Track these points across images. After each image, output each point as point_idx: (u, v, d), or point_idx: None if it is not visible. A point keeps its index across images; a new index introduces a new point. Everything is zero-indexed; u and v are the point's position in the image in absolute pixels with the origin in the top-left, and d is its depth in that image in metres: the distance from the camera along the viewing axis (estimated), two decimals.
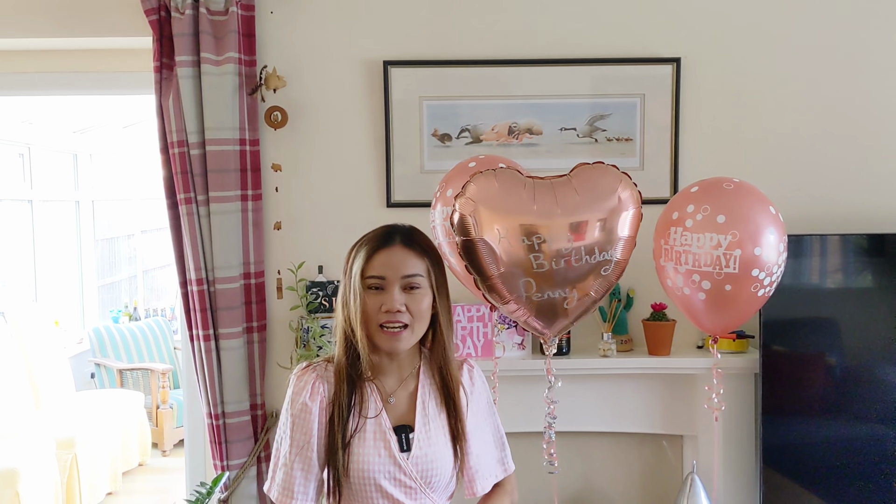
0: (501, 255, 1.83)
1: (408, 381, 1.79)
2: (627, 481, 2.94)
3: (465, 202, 1.85)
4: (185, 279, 2.74)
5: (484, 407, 1.86)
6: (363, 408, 1.73)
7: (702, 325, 2.08)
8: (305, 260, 2.80)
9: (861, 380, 2.67)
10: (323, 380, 1.76)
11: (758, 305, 2.00)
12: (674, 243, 1.89)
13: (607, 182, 1.89)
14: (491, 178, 1.86)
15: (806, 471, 2.69)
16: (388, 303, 1.68)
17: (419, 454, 1.73)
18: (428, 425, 1.76)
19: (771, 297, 2.55)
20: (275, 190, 2.83)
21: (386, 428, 1.73)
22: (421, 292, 1.71)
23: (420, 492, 1.73)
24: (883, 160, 2.87)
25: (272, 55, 2.79)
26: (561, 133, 2.83)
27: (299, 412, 1.74)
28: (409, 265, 1.70)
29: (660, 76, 2.82)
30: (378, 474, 1.70)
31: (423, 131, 2.82)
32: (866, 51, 2.84)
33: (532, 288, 1.84)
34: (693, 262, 1.88)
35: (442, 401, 1.78)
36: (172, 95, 2.66)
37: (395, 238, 1.73)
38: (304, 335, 2.74)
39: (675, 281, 1.97)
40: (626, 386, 2.78)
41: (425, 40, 2.81)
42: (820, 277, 2.71)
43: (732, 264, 1.85)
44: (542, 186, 1.86)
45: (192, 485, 2.81)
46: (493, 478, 1.85)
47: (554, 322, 1.98)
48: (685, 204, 1.91)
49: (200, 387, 2.74)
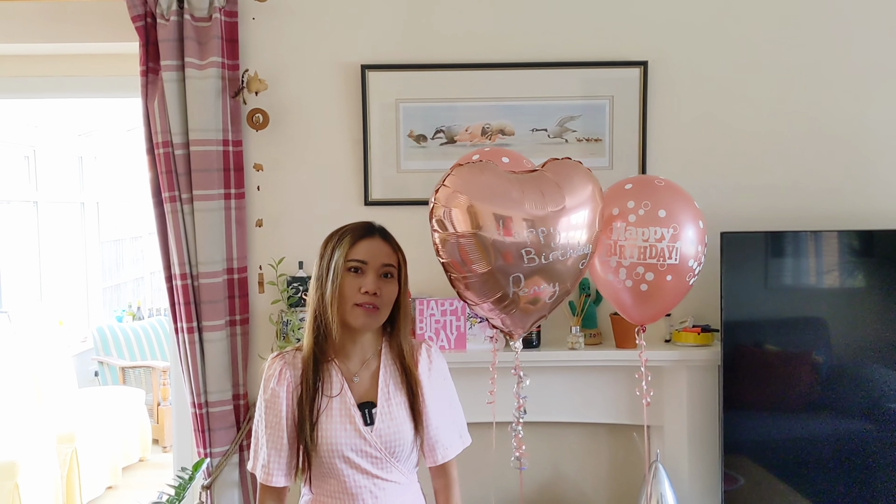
0: (490, 251, 1.79)
1: (370, 363, 1.97)
2: (596, 470, 3.04)
3: (451, 196, 1.79)
4: (170, 274, 2.86)
5: (442, 383, 2.03)
6: (329, 387, 1.91)
7: (633, 316, 2.13)
8: (286, 256, 2.91)
9: (827, 372, 2.76)
10: (290, 366, 1.95)
11: (685, 293, 2.08)
12: (618, 237, 1.96)
13: (580, 177, 1.93)
14: (476, 172, 1.82)
15: (770, 460, 2.77)
16: (366, 284, 1.87)
17: (382, 427, 1.90)
18: (390, 401, 1.93)
19: (732, 290, 2.67)
20: (257, 189, 2.95)
21: (350, 404, 1.91)
22: (393, 281, 1.92)
23: (386, 461, 1.91)
24: (846, 158, 2.95)
25: (254, 59, 2.91)
26: (532, 134, 2.93)
27: (270, 398, 1.93)
28: (386, 256, 1.91)
29: (628, 78, 2.92)
30: (344, 447, 1.88)
31: (399, 132, 2.93)
32: (832, 52, 2.93)
33: (520, 283, 1.85)
34: (639, 255, 1.96)
35: (402, 379, 1.96)
36: (158, 98, 2.77)
37: (374, 231, 1.95)
38: (284, 328, 2.85)
39: (616, 274, 2.02)
40: (594, 378, 2.87)
41: (401, 45, 2.92)
42: (777, 273, 2.80)
43: (675, 255, 1.94)
44: (529, 180, 1.86)
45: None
46: (452, 448, 2.03)
47: (531, 318, 2.00)
48: (624, 200, 1.98)
49: (185, 377, 2.85)
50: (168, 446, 5.89)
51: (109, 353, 6.24)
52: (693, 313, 2.89)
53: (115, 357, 6.23)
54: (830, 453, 2.74)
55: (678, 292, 2.02)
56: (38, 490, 4.30)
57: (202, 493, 2.87)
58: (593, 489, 3.04)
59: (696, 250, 2.00)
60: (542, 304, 1.95)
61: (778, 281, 2.77)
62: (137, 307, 7.11)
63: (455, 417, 2.06)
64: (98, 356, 6.23)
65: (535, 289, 1.88)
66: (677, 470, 2.83)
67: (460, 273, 1.88)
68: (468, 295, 1.94)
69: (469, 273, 1.86)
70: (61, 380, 5.32)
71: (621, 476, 3.03)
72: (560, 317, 2.91)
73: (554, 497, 3.04)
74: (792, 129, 2.94)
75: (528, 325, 2.00)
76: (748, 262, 2.72)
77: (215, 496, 2.87)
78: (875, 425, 2.71)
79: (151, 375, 6.08)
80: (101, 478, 5.03)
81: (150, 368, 6.11)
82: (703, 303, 2.85)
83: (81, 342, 6.49)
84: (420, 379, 1.97)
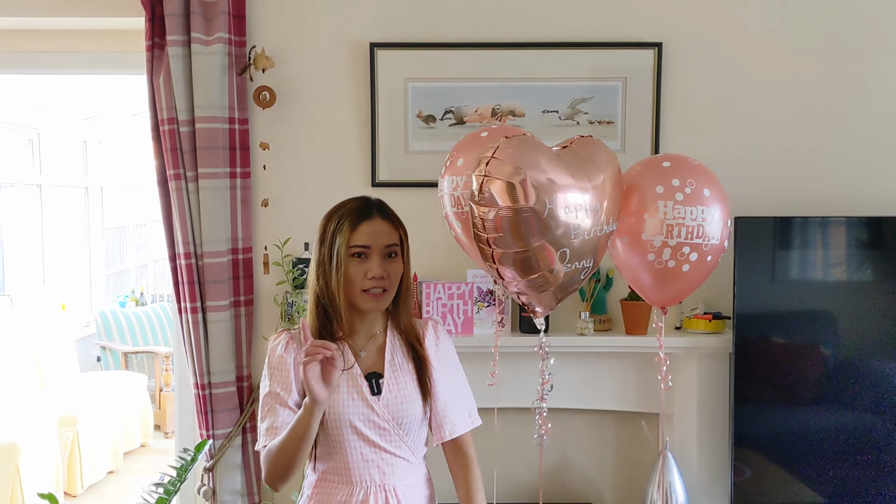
0: (541, 226, 1.73)
1: (376, 338, 1.95)
2: (603, 457, 3.00)
3: (509, 169, 1.70)
4: (174, 253, 2.82)
5: (451, 361, 2.01)
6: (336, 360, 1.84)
7: (662, 297, 2.07)
8: (291, 236, 2.87)
9: (837, 362, 2.72)
10: (296, 340, 1.91)
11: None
12: (664, 217, 1.89)
13: (605, 152, 1.91)
14: (527, 145, 1.75)
15: (777, 452, 2.73)
16: (372, 269, 1.83)
17: (389, 397, 1.88)
18: (397, 372, 1.91)
19: (745, 275, 2.63)
20: (262, 168, 2.91)
21: (357, 375, 1.88)
22: (397, 259, 1.88)
23: (394, 433, 1.88)
24: (862, 144, 2.90)
25: (261, 36, 2.86)
26: (543, 115, 2.88)
27: (277, 364, 1.89)
28: (389, 236, 1.87)
29: (642, 61, 2.86)
30: (353, 416, 1.85)
31: (407, 112, 2.88)
32: (847, 34, 2.87)
33: (566, 258, 1.79)
34: (686, 234, 1.89)
35: (409, 352, 1.94)
36: (163, 74, 2.73)
37: (372, 210, 1.89)
38: (289, 309, 2.81)
39: (659, 255, 1.95)
40: (603, 364, 2.83)
41: (411, 23, 2.87)
42: (794, 260, 2.75)
43: (716, 234, 1.90)
44: (567, 155, 1.82)
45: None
46: (461, 425, 1.98)
47: (563, 293, 1.94)
48: (668, 178, 1.91)
49: (188, 358, 2.82)
50: (170, 432, 5.87)
51: (112, 338, 6.21)
52: (704, 300, 2.84)
53: (117, 342, 6.20)
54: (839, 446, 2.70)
55: (708, 272, 1.99)
56: (40, 473, 4.27)
57: (204, 475, 2.84)
58: (600, 476, 3.00)
59: (726, 231, 1.96)
60: (578, 280, 1.91)
61: (793, 268, 2.72)
62: (140, 293, 7.08)
63: (464, 395, 2.02)
64: (100, 341, 6.21)
65: (577, 264, 1.83)
66: (686, 458, 2.79)
67: (509, 248, 1.77)
68: (506, 272, 1.84)
69: (518, 249, 1.77)
70: (63, 363, 5.30)
71: (628, 464, 2.99)
72: (569, 302, 2.87)
73: (561, 483, 3.00)
74: (810, 114, 2.90)
75: (556, 303, 1.96)
76: (762, 247, 2.67)
77: (217, 478, 2.83)
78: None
79: (154, 361, 6.05)
80: (103, 462, 5.01)
81: (153, 354, 6.08)
82: (714, 290, 2.80)
83: (84, 327, 6.46)
84: (427, 353, 1.96)
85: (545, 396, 2.10)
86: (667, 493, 2.68)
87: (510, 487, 2.96)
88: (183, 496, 2.99)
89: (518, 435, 2.92)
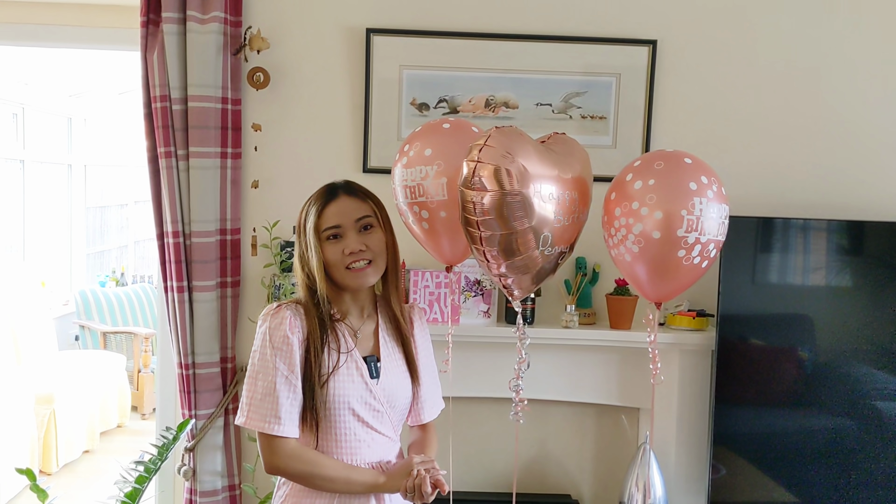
0: (531, 210, 1.77)
1: (369, 318, 1.97)
2: (581, 450, 3.02)
3: (501, 155, 1.74)
4: (161, 231, 2.81)
5: (429, 347, 2.07)
6: (339, 345, 1.88)
7: (647, 293, 2.08)
8: (280, 219, 2.86)
9: (815, 366, 2.75)
10: (296, 317, 1.88)
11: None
12: (700, 214, 1.90)
13: (580, 151, 1.98)
14: (516, 135, 1.81)
15: (755, 448, 2.76)
16: (349, 245, 1.84)
17: (386, 381, 1.91)
18: (391, 355, 1.95)
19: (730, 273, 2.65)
20: (254, 149, 2.90)
21: (357, 358, 1.89)
22: (375, 230, 1.89)
23: (385, 415, 1.91)
24: (858, 145, 2.94)
25: (258, 17, 2.85)
26: (536, 108, 2.89)
27: (281, 343, 1.84)
28: (358, 209, 1.88)
29: (636, 57, 2.88)
30: (352, 398, 1.86)
31: (401, 100, 2.88)
32: (842, 35, 2.91)
33: (548, 242, 1.83)
34: (707, 230, 1.91)
35: (398, 336, 1.97)
36: (157, 51, 2.71)
37: (337, 191, 1.90)
38: (276, 292, 2.80)
39: (689, 252, 1.95)
40: (586, 358, 2.85)
41: (408, 10, 2.87)
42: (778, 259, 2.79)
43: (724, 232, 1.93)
44: (549, 148, 1.89)
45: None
46: (436, 408, 2.06)
47: (540, 279, 1.96)
48: (697, 175, 1.92)
49: (172, 337, 2.81)
50: (147, 413, 5.84)
51: (91, 317, 6.16)
52: (687, 297, 2.87)
53: (96, 322, 6.15)
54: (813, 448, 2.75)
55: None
56: (15, 450, 4.24)
57: (185, 455, 2.83)
58: (578, 469, 3.03)
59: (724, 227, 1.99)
60: (555, 264, 1.93)
61: (781, 267, 2.76)
62: (121, 273, 7.03)
63: (437, 380, 2.10)
64: (79, 320, 6.16)
65: (555, 249, 1.87)
66: (665, 454, 2.82)
67: (496, 231, 1.79)
68: (491, 254, 1.87)
69: (504, 231, 1.79)
70: (41, 341, 5.26)
71: (606, 457, 3.02)
72: (555, 296, 2.90)
73: (538, 475, 3.02)
74: (810, 113, 2.93)
75: (533, 286, 1.98)
76: (747, 246, 2.70)
77: (198, 458, 2.83)
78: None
79: (133, 342, 6.01)
80: (79, 441, 4.98)
81: (132, 335, 6.04)
82: (698, 287, 2.82)
83: (63, 305, 6.41)
84: (416, 338, 2.01)
85: (521, 375, 2.11)
86: (645, 487, 2.71)
87: (488, 477, 2.98)
88: (162, 475, 2.98)
89: (499, 425, 2.94)
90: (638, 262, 1.90)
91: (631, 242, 1.88)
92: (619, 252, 1.93)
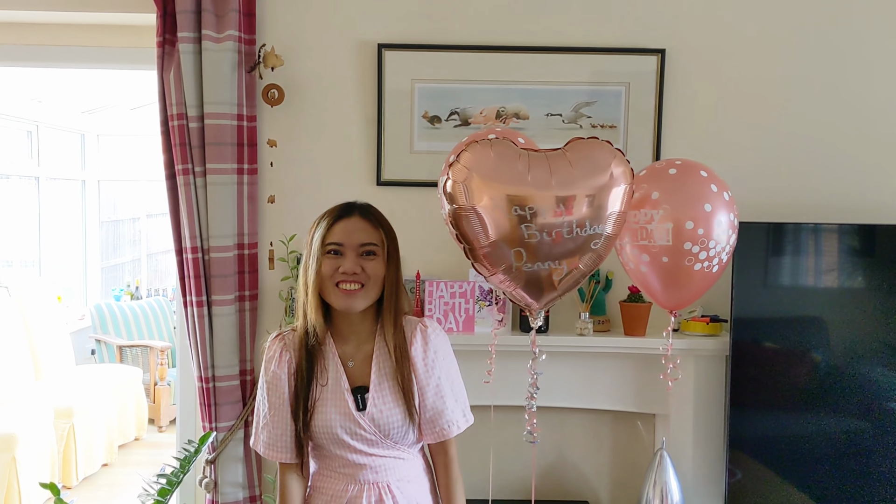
0: (491, 225, 1.80)
1: (365, 345, 1.95)
2: (599, 456, 3.05)
3: (458, 170, 1.81)
4: (180, 247, 2.85)
5: (441, 363, 1.97)
6: (324, 374, 1.92)
7: (661, 302, 2.11)
8: (297, 233, 2.91)
9: (829, 368, 2.77)
10: (289, 349, 1.95)
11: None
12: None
13: (601, 157, 1.89)
14: (486, 148, 1.83)
15: (771, 452, 2.78)
16: (344, 265, 1.86)
17: (374, 411, 1.90)
18: (383, 384, 1.92)
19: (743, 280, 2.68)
20: (269, 165, 2.94)
21: (344, 389, 1.91)
22: (376, 259, 1.89)
23: (381, 442, 1.91)
24: (867, 149, 2.97)
25: (271, 34, 2.90)
26: (547, 118, 2.93)
27: (272, 379, 1.95)
28: (365, 234, 1.89)
29: (645, 66, 2.92)
30: (338, 429, 1.89)
31: (413, 113, 2.92)
32: (851, 41, 2.94)
33: (522, 258, 1.84)
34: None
35: (395, 362, 1.92)
36: (173, 70, 2.76)
37: (353, 210, 1.92)
38: (293, 304, 2.84)
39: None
40: (601, 365, 2.87)
41: (419, 25, 2.91)
42: (791, 265, 2.81)
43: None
44: (537, 158, 1.85)
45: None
46: (452, 427, 1.97)
47: (541, 295, 1.97)
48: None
49: (192, 351, 2.85)
50: (164, 426, 5.89)
51: (107, 331, 6.22)
52: (701, 303, 2.89)
53: (112, 335, 6.21)
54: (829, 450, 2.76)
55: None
56: (36, 464, 4.29)
57: (206, 468, 2.87)
58: (596, 475, 3.05)
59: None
60: (552, 281, 1.93)
61: (788, 273, 2.78)
62: (136, 286, 7.09)
63: (456, 396, 2.00)
64: (95, 334, 6.21)
65: (540, 265, 1.86)
66: (681, 459, 2.84)
67: (468, 244, 1.86)
68: (478, 266, 1.91)
69: (473, 245, 1.85)
70: (59, 355, 5.31)
71: (624, 463, 3.04)
72: (569, 303, 2.93)
73: (557, 481, 3.04)
74: (819, 120, 2.96)
75: (543, 303, 1.98)
76: (759, 252, 2.73)
77: (219, 470, 2.86)
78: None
79: (149, 355, 6.06)
80: (98, 455, 5.02)
81: (148, 348, 6.09)
82: (712, 293, 2.85)
83: (79, 320, 6.47)
84: (414, 361, 1.93)
85: (534, 395, 2.13)
86: (662, 492, 2.73)
87: (506, 484, 3.01)
88: (183, 488, 3.02)
89: (516, 432, 2.95)
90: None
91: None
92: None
